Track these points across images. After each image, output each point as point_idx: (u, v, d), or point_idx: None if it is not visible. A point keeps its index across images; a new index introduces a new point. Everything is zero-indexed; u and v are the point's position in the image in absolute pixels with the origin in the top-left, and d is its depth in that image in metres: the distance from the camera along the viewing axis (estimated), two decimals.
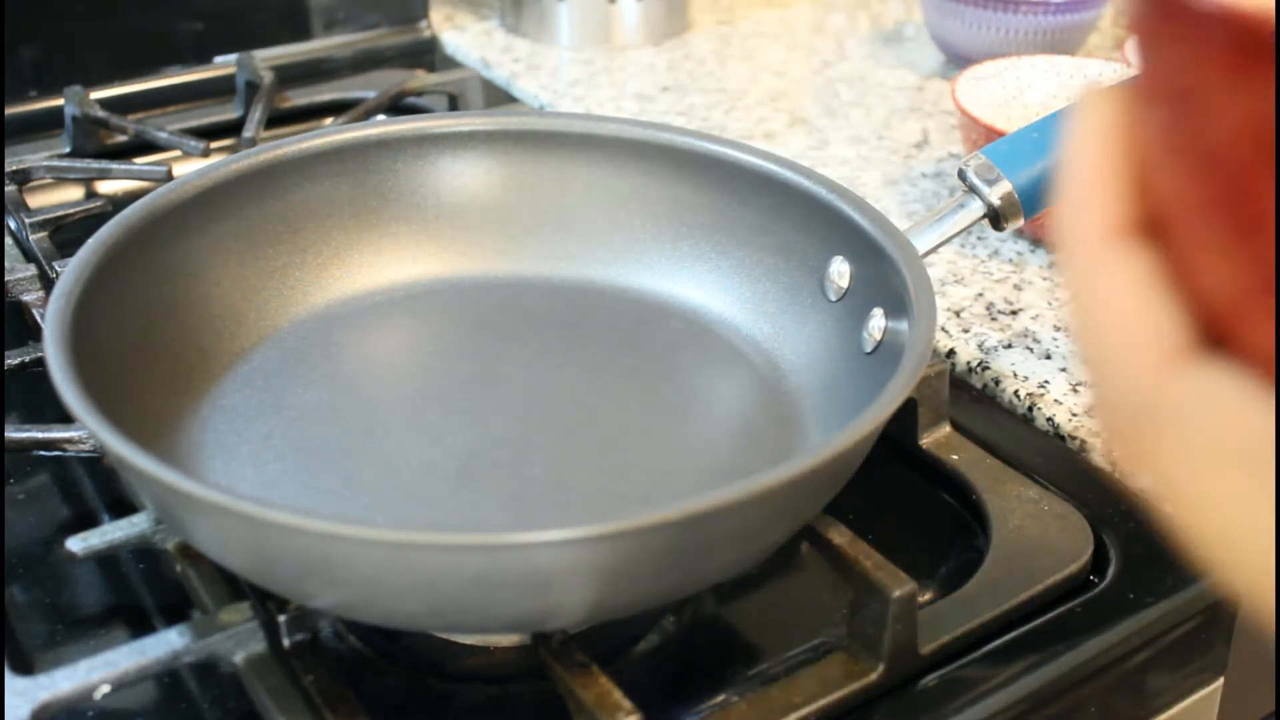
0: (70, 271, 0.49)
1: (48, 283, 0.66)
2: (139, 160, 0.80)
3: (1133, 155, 0.23)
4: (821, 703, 0.45)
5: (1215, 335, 0.22)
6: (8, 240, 0.73)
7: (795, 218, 0.58)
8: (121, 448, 0.41)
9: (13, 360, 0.60)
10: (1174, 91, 0.20)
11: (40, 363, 0.55)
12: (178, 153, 0.82)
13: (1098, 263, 0.23)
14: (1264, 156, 0.18)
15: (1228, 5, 0.18)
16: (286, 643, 0.45)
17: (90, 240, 0.51)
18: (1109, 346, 0.23)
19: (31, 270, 0.66)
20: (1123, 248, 0.23)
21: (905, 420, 0.57)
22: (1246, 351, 0.21)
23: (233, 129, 0.85)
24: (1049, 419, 0.60)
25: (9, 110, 0.84)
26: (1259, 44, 0.17)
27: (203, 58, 0.92)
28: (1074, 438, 0.59)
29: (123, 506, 0.54)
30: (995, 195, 0.56)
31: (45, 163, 0.78)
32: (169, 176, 0.76)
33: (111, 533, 0.48)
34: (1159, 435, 0.23)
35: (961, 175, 0.57)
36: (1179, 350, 0.22)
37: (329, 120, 0.86)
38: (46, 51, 0.86)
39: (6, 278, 0.65)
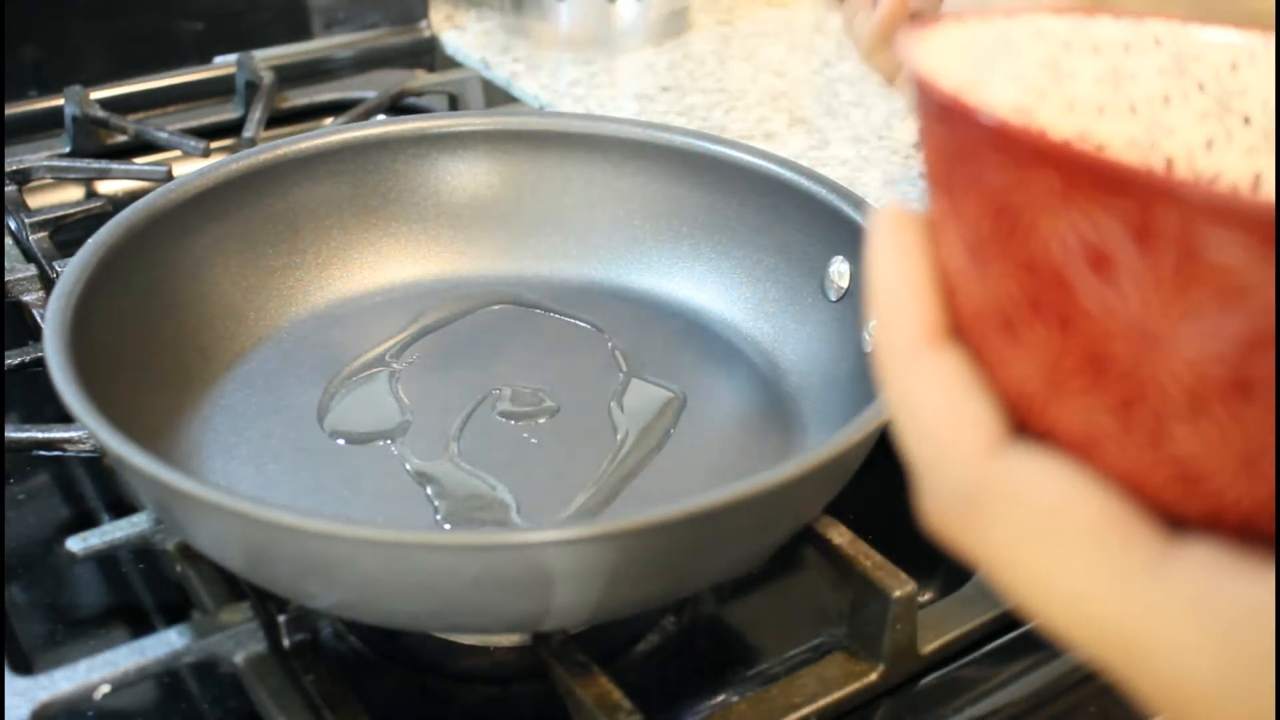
0: (70, 271, 0.49)
1: (48, 283, 0.66)
2: (139, 160, 0.80)
3: (935, 268, 0.26)
4: (821, 703, 0.45)
5: (1021, 422, 0.25)
6: (8, 240, 0.73)
7: (795, 218, 0.58)
8: (121, 448, 0.41)
9: (13, 360, 0.60)
10: (997, 209, 0.23)
11: (40, 363, 0.55)
12: (178, 153, 0.82)
13: (913, 367, 0.26)
14: (1079, 265, 0.22)
15: (1052, 140, 0.22)
16: (286, 643, 0.44)
17: (90, 240, 0.51)
18: (931, 440, 0.26)
19: (31, 270, 0.66)
20: (933, 351, 0.26)
21: None
22: (1055, 433, 0.24)
23: (233, 129, 0.85)
24: None
25: (9, 110, 0.84)
26: (1082, 175, 0.21)
27: (203, 58, 0.92)
28: None
29: (123, 506, 0.54)
30: None
31: (45, 163, 0.78)
32: (169, 176, 0.76)
33: (111, 533, 0.48)
34: (985, 515, 0.25)
35: None
36: (995, 437, 0.25)
37: (329, 120, 0.86)
38: (46, 51, 0.86)
39: (6, 278, 0.65)
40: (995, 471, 0.25)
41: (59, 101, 0.83)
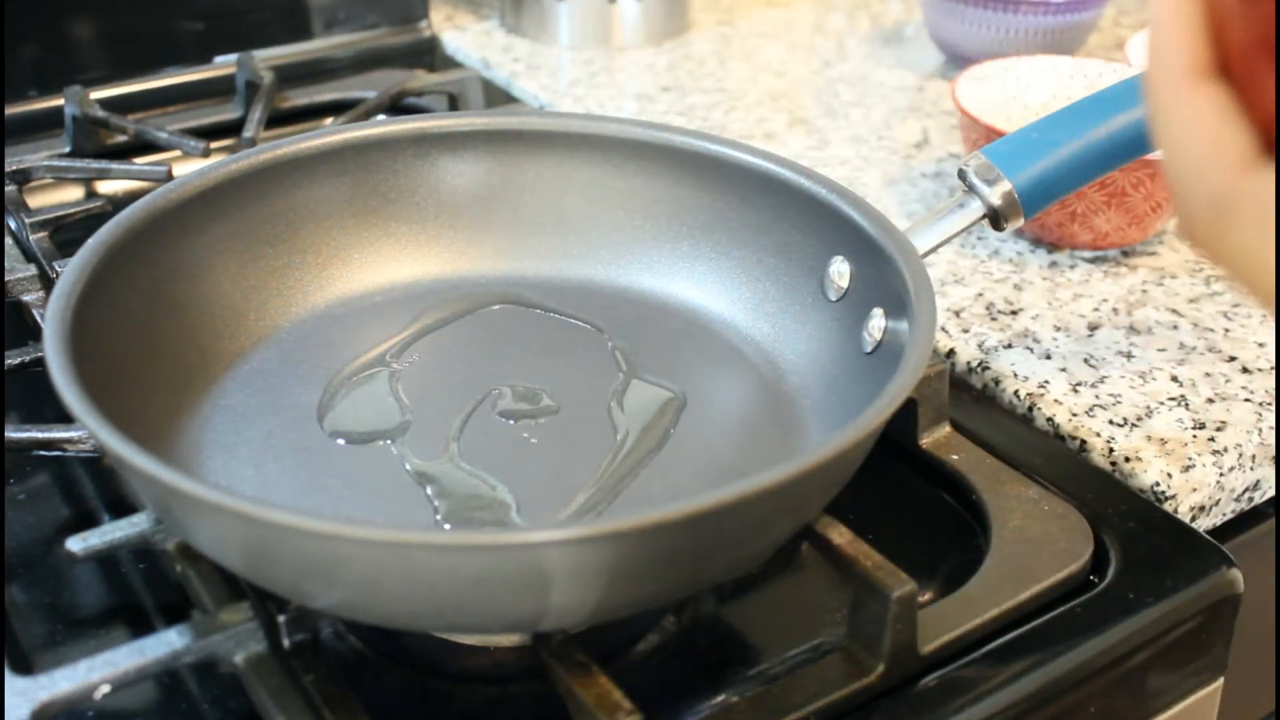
0: (70, 271, 0.49)
1: (48, 283, 0.66)
2: (139, 160, 0.80)
3: (1206, 12, 0.30)
4: (821, 703, 0.45)
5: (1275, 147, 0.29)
6: (8, 240, 0.73)
7: (795, 218, 0.58)
8: (121, 448, 0.41)
9: (13, 360, 0.60)
10: None
11: (40, 363, 0.55)
12: (178, 153, 0.82)
13: (1179, 94, 0.30)
14: None
15: None
16: (286, 643, 0.44)
17: (90, 240, 0.51)
18: (1190, 158, 0.30)
19: (31, 270, 0.66)
20: (1199, 81, 0.30)
21: (905, 420, 0.57)
22: None
23: (233, 129, 0.85)
24: (1049, 419, 0.60)
25: (9, 110, 0.84)
26: None
27: (203, 58, 0.92)
28: (1074, 438, 0.59)
29: (123, 506, 0.54)
30: (995, 195, 0.56)
31: (45, 163, 0.78)
32: (169, 176, 0.76)
33: (111, 533, 0.48)
34: (1235, 223, 0.29)
35: (961, 175, 0.57)
36: (1250, 156, 0.29)
37: (329, 120, 0.86)
38: (46, 51, 0.86)
39: (6, 278, 0.65)
40: (1249, 184, 0.29)
41: (59, 101, 0.83)
